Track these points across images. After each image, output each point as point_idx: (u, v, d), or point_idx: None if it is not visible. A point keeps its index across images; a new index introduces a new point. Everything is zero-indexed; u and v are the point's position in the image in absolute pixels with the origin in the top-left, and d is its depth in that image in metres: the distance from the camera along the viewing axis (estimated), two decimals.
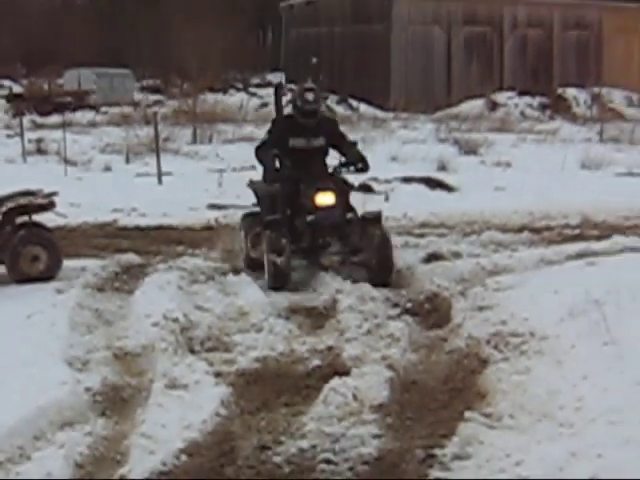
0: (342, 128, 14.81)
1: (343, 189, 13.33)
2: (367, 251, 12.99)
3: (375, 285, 12.42)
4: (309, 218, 12.84)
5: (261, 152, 13.57)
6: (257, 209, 14.32)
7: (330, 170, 13.79)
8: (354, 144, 14.12)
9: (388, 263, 13.00)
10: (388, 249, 13.00)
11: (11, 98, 52.45)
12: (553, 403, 7.98)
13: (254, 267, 13.66)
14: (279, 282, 12.77)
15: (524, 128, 43.85)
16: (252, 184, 14.59)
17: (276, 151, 13.33)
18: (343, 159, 13.77)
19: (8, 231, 13.51)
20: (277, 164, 13.56)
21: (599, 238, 16.45)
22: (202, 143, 34.67)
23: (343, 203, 13.11)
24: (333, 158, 13.92)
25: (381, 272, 12.91)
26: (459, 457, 7.09)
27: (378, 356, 9.77)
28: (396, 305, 12.15)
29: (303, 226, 13.06)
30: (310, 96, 13.32)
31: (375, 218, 13.36)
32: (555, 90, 60.24)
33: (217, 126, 36.55)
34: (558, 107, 56.22)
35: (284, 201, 13.29)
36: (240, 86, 62.44)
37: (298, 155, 13.26)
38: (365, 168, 13.71)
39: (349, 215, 13.16)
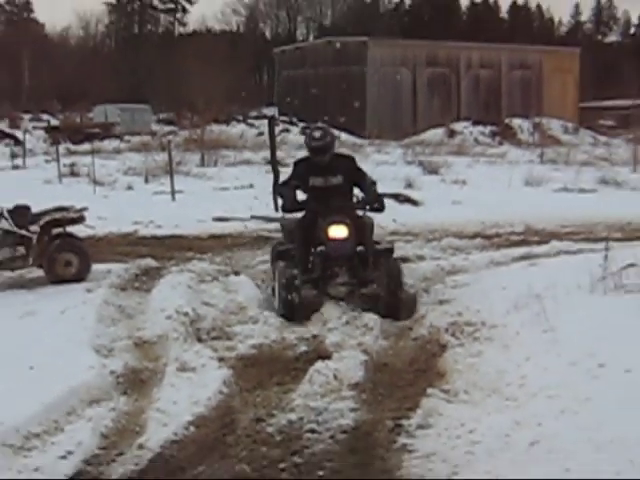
0: None
1: (361, 223, 11.81)
2: (377, 283, 11.46)
3: (384, 317, 10.93)
4: (319, 249, 11.67)
5: (281, 187, 12.59)
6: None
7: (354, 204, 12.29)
8: (373, 183, 12.33)
9: (396, 296, 11.21)
10: (396, 283, 11.24)
11: (49, 129, 52.58)
12: (500, 381, 8.00)
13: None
14: (291, 316, 11.03)
15: (477, 152, 44.04)
16: (281, 220, 13.54)
17: (296, 183, 12.12)
18: (362, 195, 12.27)
19: (46, 240, 13.52)
20: (299, 196, 12.30)
21: (539, 243, 16.54)
22: (209, 166, 34.77)
23: (357, 236, 11.61)
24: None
25: (389, 305, 11.14)
26: (422, 426, 7.08)
27: (355, 343, 9.75)
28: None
29: (314, 257, 11.79)
30: (317, 134, 11.93)
31: (386, 251, 12.20)
32: (503, 120, 60.46)
33: (221, 152, 36.60)
34: (506, 134, 56.37)
35: (301, 233, 11.89)
36: (240, 118, 62.55)
37: (318, 193, 11.91)
38: (380, 208, 12.14)
39: (359, 248, 11.72)
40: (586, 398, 7.19)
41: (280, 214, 13.29)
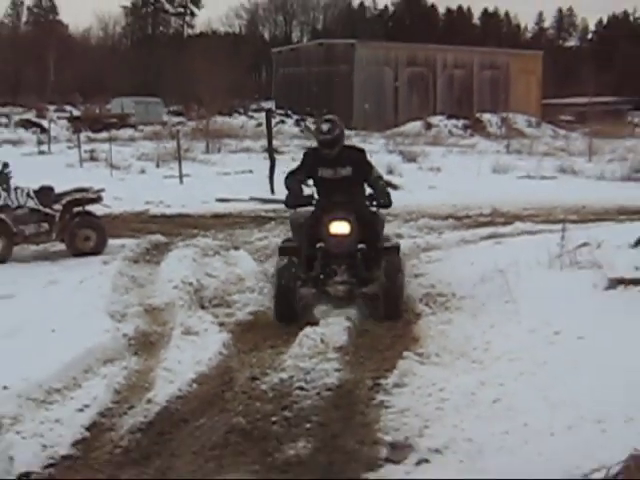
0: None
1: (368, 219, 10.24)
2: (377, 283, 9.80)
3: (383, 318, 9.59)
4: (318, 245, 10.06)
5: (288, 179, 10.54)
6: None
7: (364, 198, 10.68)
8: (379, 177, 10.86)
9: (395, 297, 9.62)
10: (397, 283, 9.63)
11: (71, 119, 52.42)
12: (468, 345, 8.02)
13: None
14: (284, 317, 9.64)
15: (451, 143, 44.02)
16: (290, 215, 11.49)
17: (301, 177, 10.53)
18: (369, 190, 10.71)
19: (67, 218, 13.55)
20: (306, 190, 10.67)
21: (504, 224, 16.56)
22: (213, 153, 34.70)
23: (362, 233, 10.04)
24: None
25: (387, 306, 9.61)
26: (398, 385, 7.09)
27: (340, 311, 9.73)
28: None
29: (315, 254, 10.11)
30: (325, 127, 10.25)
31: (391, 249, 10.26)
32: (474, 115, 60.38)
33: (224, 140, 36.54)
34: (476, 127, 56.33)
35: (307, 230, 10.28)
36: (241, 111, 62.44)
37: (327, 184, 10.33)
38: (387, 204, 10.49)
39: (361, 245, 10.11)
40: (543, 362, 7.22)
41: (275, 196, 13.04)
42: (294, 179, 10.42)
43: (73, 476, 5.70)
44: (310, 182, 10.71)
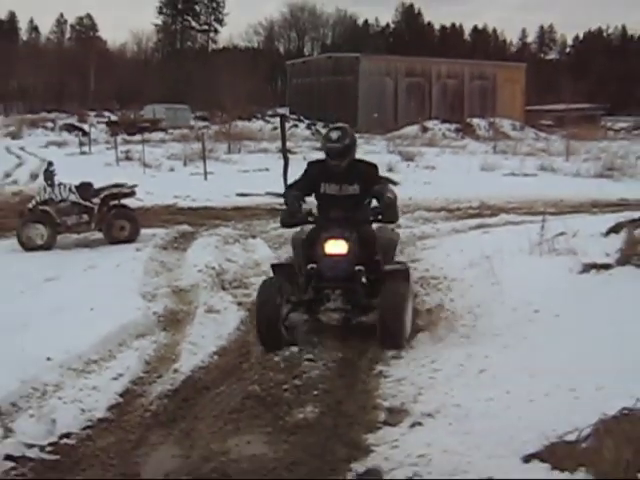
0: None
1: (372, 239, 8.00)
2: (378, 310, 7.56)
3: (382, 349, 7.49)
4: (309, 266, 7.82)
5: (287, 193, 8.37)
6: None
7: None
8: (390, 192, 8.09)
9: (393, 329, 7.38)
10: (395, 313, 7.41)
11: (109, 124, 52.61)
12: (457, 322, 8.01)
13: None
14: (266, 344, 7.55)
15: (444, 144, 43.94)
16: (293, 235, 8.88)
17: (301, 192, 8.14)
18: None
19: (105, 210, 13.60)
20: (304, 206, 8.31)
21: (491, 216, 16.54)
22: (234, 153, 34.71)
23: (364, 253, 7.83)
24: None
25: (384, 337, 7.43)
26: (395, 357, 7.10)
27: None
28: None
29: (308, 275, 7.87)
30: (334, 134, 7.97)
31: (396, 273, 8.07)
32: (465, 119, 60.18)
33: (243, 142, 36.51)
34: (467, 130, 56.21)
35: (303, 248, 8.16)
36: (259, 116, 62.32)
37: (330, 202, 8.03)
38: (392, 219, 8.23)
39: (359, 267, 7.77)
40: (523, 337, 7.22)
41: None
42: (292, 194, 8.14)
43: (107, 437, 5.72)
44: (310, 198, 8.42)
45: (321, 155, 8.28)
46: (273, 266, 8.54)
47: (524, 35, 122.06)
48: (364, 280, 7.85)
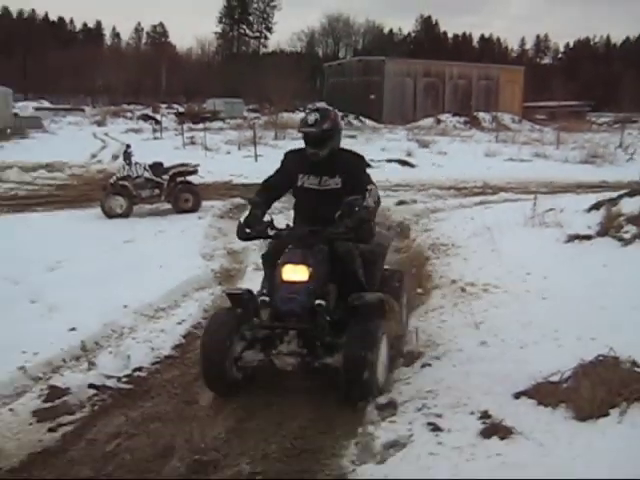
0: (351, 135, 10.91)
1: (343, 255, 5.36)
2: (342, 356, 4.96)
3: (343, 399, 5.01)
4: (261, 298, 5.27)
5: (254, 198, 5.60)
6: None
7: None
8: (367, 197, 5.21)
9: (355, 377, 4.87)
10: (360, 358, 4.84)
11: (177, 114, 52.50)
12: (462, 282, 7.94)
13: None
14: (212, 386, 5.24)
15: (455, 134, 43.45)
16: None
17: (263, 197, 5.59)
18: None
19: (172, 185, 13.58)
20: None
21: (492, 194, 16.36)
22: (279, 139, 34.50)
23: (329, 274, 5.24)
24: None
25: (346, 385, 4.92)
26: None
27: None
28: (380, 229, 12.03)
29: (262, 307, 5.24)
30: (311, 118, 5.49)
31: (369, 306, 5.26)
32: (472, 113, 59.46)
33: (287, 130, 36.29)
34: (474, 123, 55.51)
35: (267, 268, 5.61)
36: (301, 109, 61.97)
37: (308, 197, 5.63)
38: (362, 237, 5.25)
39: (319, 301, 5.04)
40: (516, 295, 7.19)
41: None
42: (257, 201, 5.52)
43: (172, 371, 5.78)
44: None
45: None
46: (229, 295, 5.54)
47: (523, 43, 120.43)
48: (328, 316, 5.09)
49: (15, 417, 4.91)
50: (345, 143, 5.86)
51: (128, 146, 14.05)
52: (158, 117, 47.58)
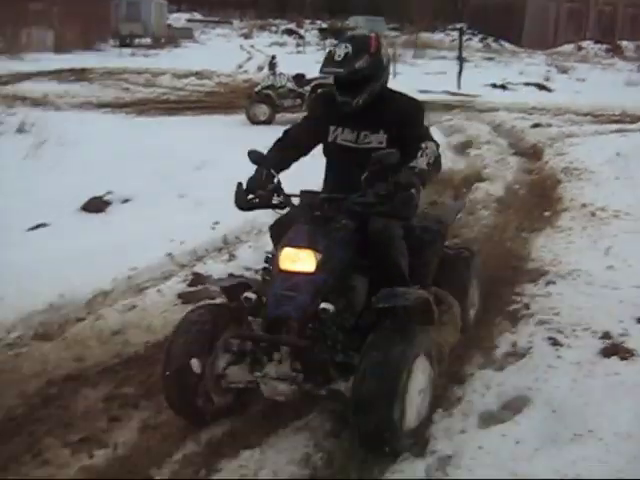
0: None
1: (378, 236, 3.49)
2: (352, 387, 3.14)
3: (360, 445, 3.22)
4: (245, 294, 3.42)
5: (254, 153, 3.83)
6: None
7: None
8: (411, 168, 3.35)
9: (369, 420, 3.03)
10: (385, 397, 3.02)
11: (321, 30, 52.31)
12: (592, 206, 7.60)
13: None
14: (177, 410, 3.49)
15: (595, 61, 41.28)
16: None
17: (268, 154, 3.83)
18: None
19: (313, 96, 13.57)
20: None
21: (630, 122, 15.44)
22: (418, 58, 33.83)
23: (344, 273, 3.42)
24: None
25: (358, 431, 3.13)
26: (535, 230, 6.94)
27: (501, 174, 9.47)
28: (514, 149, 11.71)
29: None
30: (340, 51, 3.52)
31: (403, 310, 3.36)
32: (615, 42, 56.02)
33: (427, 50, 35.48)
34: (616, 51, 52.28)
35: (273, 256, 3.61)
36: (442, 29, 60.54)
37: (342, 159, 3.74)
38: (400, 214, 3.32)
39: (324, 305, 3.18)
40: None
41: (460, 90, 11.46)
42: (273, 151, 3.93)
43: None
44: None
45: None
46: (223, 288, 3.88)
47: None
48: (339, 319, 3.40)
49: (162, 298, 5.21)
50: (483, 65, 5.66)
51: (274, 57, 14.14)
52: (302, 32, 47.49)
